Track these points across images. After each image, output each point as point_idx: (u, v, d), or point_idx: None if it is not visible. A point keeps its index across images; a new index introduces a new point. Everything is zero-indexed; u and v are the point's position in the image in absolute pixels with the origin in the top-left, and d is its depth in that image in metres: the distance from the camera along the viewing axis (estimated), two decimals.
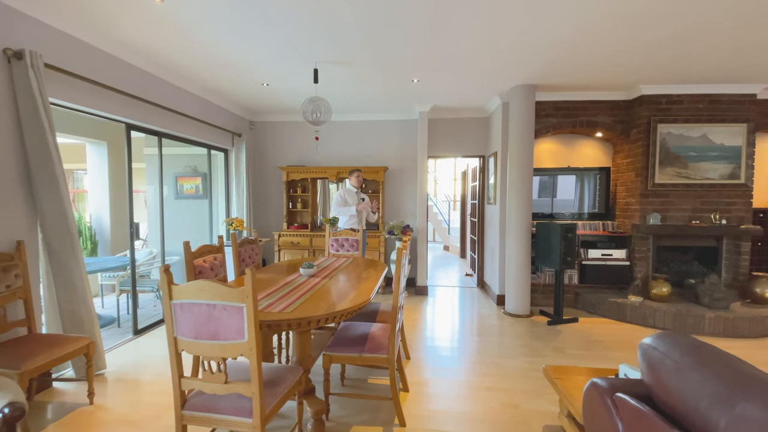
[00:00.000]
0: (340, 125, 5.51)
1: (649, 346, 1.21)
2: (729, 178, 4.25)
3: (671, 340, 1.17)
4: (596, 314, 4.35)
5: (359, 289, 2.27)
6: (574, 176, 4.89)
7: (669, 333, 1.22)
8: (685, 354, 1.09)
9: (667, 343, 1.16)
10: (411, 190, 5.46)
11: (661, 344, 1.18)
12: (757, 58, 3.40)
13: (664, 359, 1.13)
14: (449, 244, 9.84)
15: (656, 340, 1.20)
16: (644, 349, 1.22)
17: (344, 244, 3.78)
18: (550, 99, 4.50)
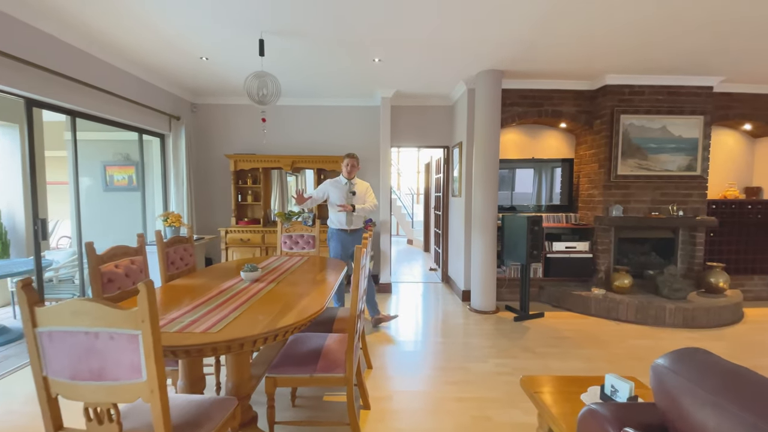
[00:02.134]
0: (296, 110, 5.04)
1: (668, 371, 0.96)
2: (686, 170, 4.31)
3: (695, 363, 0.94)
4: (561, 308, 4.28)
5: (311, 296, 1.91)
6: (533, 168, 4.77)
7: (690, 354, 0.99)
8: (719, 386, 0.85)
9: (691, 368, 0.92)
10: (373, 182, 5.12)
11: (683, 368, 0.94)
12: (714, 50, 3.38)
13: (689, 387, 0.89)
14: (413, 238, 9.65)
15: (677, 362, 0.96)
16: (661, 372, 0.98)
17: (298, 241, 3.38)
18: (516, 87, 4.33)
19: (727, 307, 3.80)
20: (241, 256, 4.60)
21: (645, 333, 3.52)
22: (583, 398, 1.63)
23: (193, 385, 1.78)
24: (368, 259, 2.46)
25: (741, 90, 4.42)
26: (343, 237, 3.56)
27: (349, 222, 3.57)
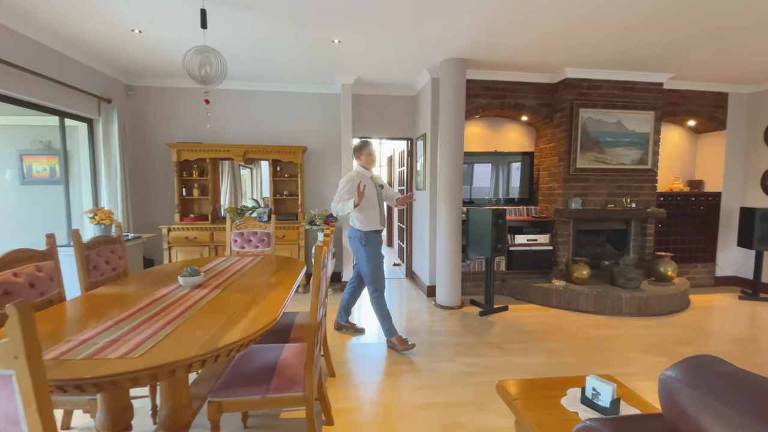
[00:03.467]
0: (249, 96, 4.64)
1: (681, 385, 0.83)
2: (638, 164, 4.46)
3: (713, 376, 0.81)
4: (523, 300, 4.30)
5: (264, 304, 1.65)
6: (492, 162, 4.75)
7: (703, 365, 0.87)
8: (745, 403, 0.73)
9: (709, 382, 0.80)
10: (335, 174, 4.86)
11: (700, 382, 0.81)
12: (665, 47, 3.48)
13: (709, 404, 0.76)
14: None
15: (690, 375, 0.84)
16: (673, 387, 0.85)
17: (251, 239, 3.06)
18: (479, 78, 4.24)
19: (676, 295, 3.98)
20: (186, 256, 4.17)
21: (604, 323, 3.59)
22: (564, 403, 1.52)
23: (116, 418, 1.47)
24: (330, 258, 2.23)
25: (688, 87, 4.65)
26: (377, 240, 3.02)
27: (383, 220, 3.07)
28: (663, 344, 3.10)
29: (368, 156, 3.02)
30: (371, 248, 2.98)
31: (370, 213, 2.96)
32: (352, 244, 3.06)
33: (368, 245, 2.97)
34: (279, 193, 4.65)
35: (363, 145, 3.03)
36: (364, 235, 2.97)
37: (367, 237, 2.97)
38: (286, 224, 4.32)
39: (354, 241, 3.03)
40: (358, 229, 2.99)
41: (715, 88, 4.70)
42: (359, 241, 2.98)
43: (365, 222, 2.97)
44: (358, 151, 3.04)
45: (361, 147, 3.03)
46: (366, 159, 3.02)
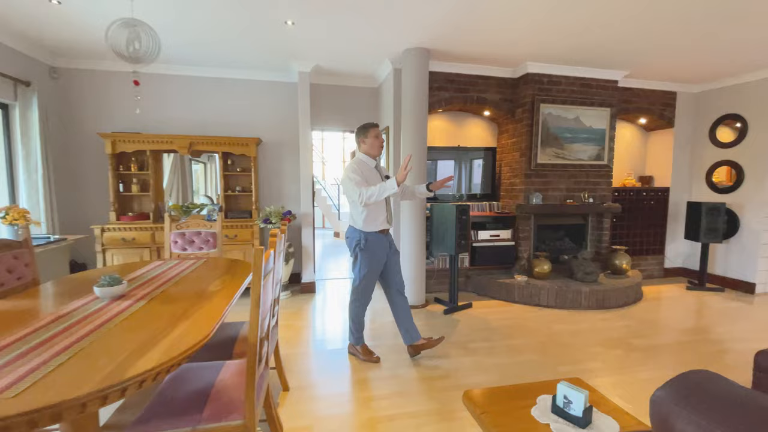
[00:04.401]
0: (196, 82, 4.24)
1: (676, 408, 0.71)
2: (595, 159, 4.55)
3: (709, 396, 0.70)
4: (487, 296, 4.27)
5: (196, 317, 1.41)
6: (455, 157, 4.69)
7: (697, 383, 0.75)
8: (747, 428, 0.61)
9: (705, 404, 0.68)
10: (293, 169, 4.58)
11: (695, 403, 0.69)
12: (618, 44, 3.52)
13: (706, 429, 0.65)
14: (339, 231, 9.24)
15: (684, 396, 0.72)
16: (666, 411, 0.73)
17: (194, 240, 2.75)
18: (442, 70, 4.13)
19: (630, 287, 4.10)
20: (124, 260, 3.74)
21: (565, 317, 3.61)
22: (534, 413, 1.41)
23: None
24: (281, 260, 2.00)
25: (640, 86, 4.80)
26: (379, 244, 2.56)
27: (390, 217, 2.63)
28: (621, 337, 3.14)
29: (375, 140, 2.53)
30: (369, 254, 2.51)
31: (374, 209, 2.49)
32: (349, 243, 2.60)
33: (366, 250, 2.51)
34: (231, 189, 4.31)
35: (368, 127, 2.55)
36: (364, 237, 2.49)
37: (367, 239, 2.50)
38: (238, 223, 4.00)
39: (350, 242, 2.56)
40: (357, 229, 2.50)
41: (665, 87, 4.89)
42: (357, 244, 2.51)
43: (367, 220, 2.49)
44: (362, 134, 2.55)
45: (366, 129, 2.55)
46: (371, 143, 2.53)
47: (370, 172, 2.55)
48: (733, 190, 4.63)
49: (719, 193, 4.78)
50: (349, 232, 2.61)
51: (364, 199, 2.37)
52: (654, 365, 2.65)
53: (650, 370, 2.57)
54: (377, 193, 2.35)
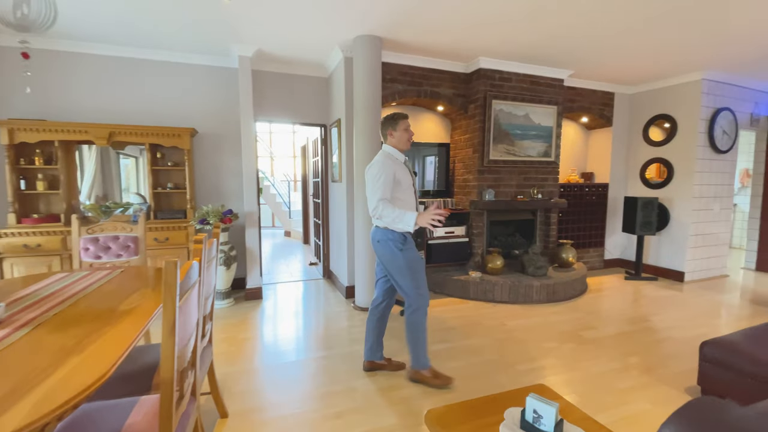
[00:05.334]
0: (117, 63, 3.70)
1: None
2: (543, 156, 4.66)
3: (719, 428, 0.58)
4: (443, 293, 4.20)
5: (90, 351, 1.10)
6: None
7: (706, 414, 0.63)
8: None
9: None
10: (234, 164, 4.18)
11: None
12: (565, 41, 3.60)
13: None
14: (291, 229, 8.82)
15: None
16: None
17: (110, 246, 2.34)
18: (396, 62, 3.97)
19: (577, 280, 4.24)
20: (27, 270, 3.16)
21: (518, 313, 3.63)
22: (503, 431, 1.29)
23: None
24: (213, 269, 1.71)
25: (583, 86, 4.99)
26: (413, 242, 2.34)
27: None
28: (571, 330, 3.20)
29: (404, 133, 2.27)
30: (410, 253, 2.24)
31: (405, 207, 2.25)
32: (382, 249, 2.25)
33: (406, 250, 2.23)
34: (161, 186, 3.83)
35: (397, 118, 2.27)
36: (401, 238, 2.22)
37: (405, 239, 2.25)
38: (170, 224, 3.55)
39: (385, 245, 2.23)
40: (391, 230, 2.23)
41: (604, 88, 5.13)
42: (394, 245, 2.21)
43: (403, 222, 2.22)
44: (390, 125, 2.27)
45: (395, 121, 2.26)
46: (400, 137, 2.27)
47: (401, 169, 2.25)
48: (664, 186, 4.98)
49: (652, 188, 5.13)
50: (380, 234, 2.25)
51: (379, 214, 2.13)
52: (605, 358, 2.70)
53: (602, 364, 2.61)
54: (393, 217, 2.10)
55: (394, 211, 2.09)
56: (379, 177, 2.14)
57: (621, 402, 2.13)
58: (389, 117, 2.31)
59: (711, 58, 4.02)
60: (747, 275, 5.09)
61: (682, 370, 2.49)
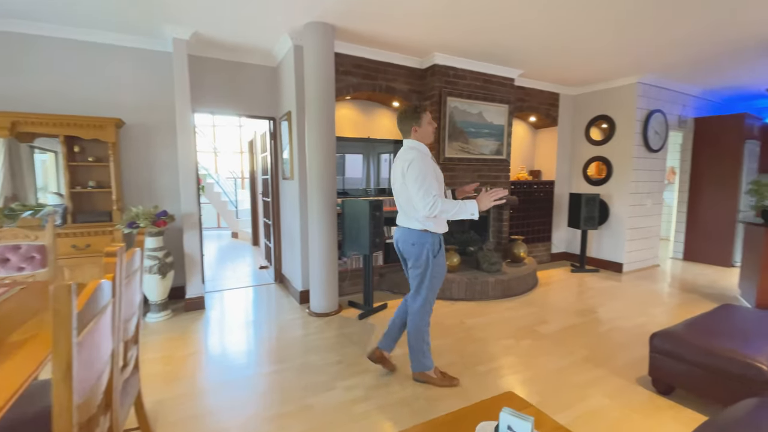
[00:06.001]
0: (23, 41, 3.14)
1: None
2: (496, 154, 4.73)
3: None
4: (402, 293, 4.12)
5: None
6: (364, 151, 4.45)
7: None
8: None
9: None
10: (170, 159, 3.76)
11: None
12: (515, 40, 3.65)
13: None
14: (238, 230, 8.28)
15: None
16: None
17: (8, 258, 1.93)
18: (350, 53, 3.78)
19: (529, 274, 4.36)
20: None
21: (476, 310, 3.63)
22: None
23: None
24: (135, 285, 1.43)
25: (531, 86, 5.14)
26: (444, 252, 2.26)
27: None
28: (528, 326, 3.24)
29: (429, 126, 2.18)
30: (440, 260, 2.19)
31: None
32: (416, 251, 2.15)
33: (439, 257, 2.18)
34: (80, 185, 3.32)
35: (420, 111, 2.17)
36: (437, 244, 2.17)
37: (440, 246, 2.19)
38: (92, 228, 3.09)
39: (420, 248, 2.14)
40: (431, 233, 2.14)
41: (551, 88, 5.33)
42: (430, 250, 2.14)
43: (439, 221, 2.15)
44: (414, 119, 2.16)
45: (418, 114, 2.16)
46: (425, 131, 2.18)
47: (436, 167, 2.15)
48: (604, 183, 5.29)
49: (593, 185, 5.42)
50: (417, 237, 2.14)
51: (439, 211, 1.98)
52: (560, 353, 2.74)
53: (558, 359, 2.65)
54: (454, 211, 2.00)
55: (455, 204, 2.00)
56: (425, 175, 2.02)
57: (580, 398, 2.16)
58: (410, 111, 2.19)
59: (646, 63, 4.29)
60: (675, 264, 5.57)
61: (631, 360, 2.60)
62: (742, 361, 1.79)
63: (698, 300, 3.92)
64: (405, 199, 2.14)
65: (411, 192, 2.05)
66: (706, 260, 5.55)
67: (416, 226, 2.14)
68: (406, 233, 2.18)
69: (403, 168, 2.11)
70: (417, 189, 2.01)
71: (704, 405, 2.04)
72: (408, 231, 2.17)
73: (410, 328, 2.26)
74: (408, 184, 2.07)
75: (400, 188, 2.17)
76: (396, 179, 2.19)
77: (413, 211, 2.12)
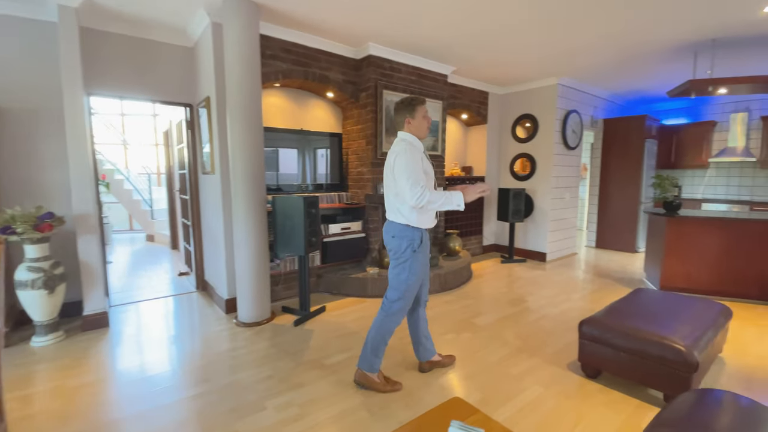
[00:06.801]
0: None
1: None
2: (431, 150, 4.75)
3: None
4: (340, 294, 3.94)
5: None
6: (299, 146, 4.19)
7: None
8: None
9: None
10: (59, 150, 3.13)
11: None
12: (450, 35, 3.67)
13: None
14: (155, 233, 7.40)
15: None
16: None
17: None
18: (278, 36, 3.48)
19: (464, 267, 4.46)
20: None
21: None
22: None
23: None
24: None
25: (463, 83, 5.25)
26: (428, 244, 2.20)
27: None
28: (465, 319, 3.28)
29: (423, 120, 2.12)
30: (423, 256, 2.14)
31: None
32: (396, 244, 2.10)
33: (420, 252, 2.11)
34: None
35: (415, 103, 2.10)
36: (418, 239, 2.09)
37: (423, 238, 2.12)
38: None
39: (400, 241, 2.08)
40: (413, 227, 2.08)
41: (481, 87, 5.51)
42: (409, 244, 2.07)
43: (424, 215, 2.09)
44: (408, 111, 2.09)
45: (413, 106, 2.09)
46: (419, 124, 2.11)
47: (425, 159, 2.11)
48: (528, 178, 5.62)
49: (519, 180, 5.74)
50: (399, 230, 2.09)
51: (426, 201, 1.96)
52: (497, 344, 2.80)
53: (496, 351, 2.69)
54: (441, 201, 1.99)
55: (442, 195, 2.01)
56: (413, 166, 1.98)
57: (518, 390, 2.19)
58: (405, 102, 2.13)
59: (563, 66, 4.61)
60: (589, 252, 6.14)
61: (561, 347, 2.73)
62: (661, 343, 1.93)
63: (612, 284, 4.33)
64: (394, 192, 2.10)
65: (399, 183, 2.02)
66: (615, 247, 6.21)
67: (399, 219, 2.11)
68: (389, 225, 2.17)
69: (390, 160, 2.09)
70: (405, 179, 1.98)
71: (629, 386, 2.19)
72: (391, 223, 2.16)
73: (377, 325, 2.18)
74: (396, 175, 2.03)
75: (388, 180, 2.13)
76: (386, 173, 2.15)
77: (399, 203, 2.09)
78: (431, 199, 1.98)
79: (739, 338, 2.86)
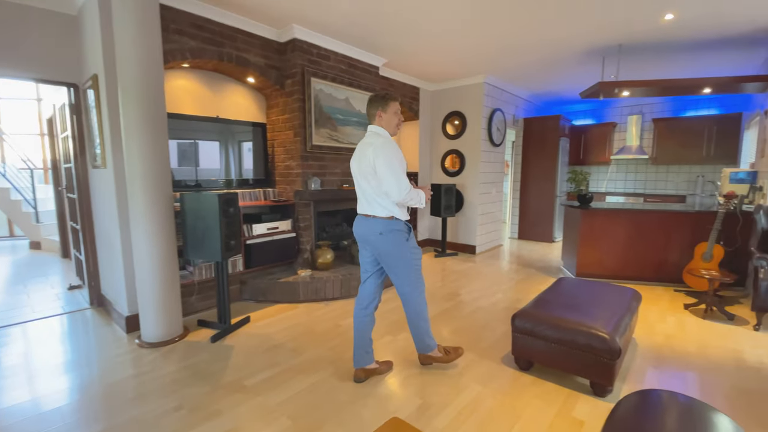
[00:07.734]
0: None
1: None
2: None
3: None
4: (269, 301, 3.61)
5: None
6: (221, 138, 3.76)
7: None
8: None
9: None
10: None
11: None
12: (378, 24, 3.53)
13: None
14: (41, 239, 6.21)
15: None
16: None
17: None
18: (186, 9, 3.03)
19: None
20: None
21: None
22: None
23: None
24: None
25: (395, 77, 5.16)
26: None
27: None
28: (402, 319, 3.17)
29: (393, 116, 2.14)
30: (414, 243, 2.22)
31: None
32: (388, 241, 2.10)
33: (411, 240, 2.19)
34: None
35: (388, 99, 2.12)
36: (406, 227, 2.16)
37: (409, 228, 2.19)
38: None
39: (392, 236, 2.10)
40: (398, 219, 2.13)
41: (413, 82, 5.47)
42: (401, 235, 2.12)
43: (402, 208, 2.16)
44: (381, 105, 2.11)
45: (386, 101, 2.11)
46: (389, 120, 2.13)
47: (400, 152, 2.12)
48: (458, 174, 5.74)
49: (450, 176, 5.84)
50: (386, 225, 2.09)
51: (403, 198, 2.02)
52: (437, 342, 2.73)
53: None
54: (416, 199, 2.09)
55: (416, 192, 2.08)
56: (399, 161, 2.02)
57: (457, 390, 2.12)
58: (380, 96, 2.15)
59: (488, 65, 4.74)
60: (513, 243, 6.50)
61: (495, 341, 2.75)
62: (587, 332, 1.99)
63: (535, 273, 4.58)
64: (373, 186, 2.06)
65: (384, 178, 2.01)
66: (535, 238, 6.65)
67: (382, 213, 2.10)
68: (371, 223, 2.12)
69: (366, 153, 2.04)
70: (391, 174, 2.00)
71: (559, 377, 2.24)
72: (373, 221, 2.12)
73: (411, 314, 2.27)
74: (379, 170, 2.01)
75: (366, 173, 2.06)
76: (360, 168, 2.10)
77: (381, 197, 2.07)
78: (411, 195, 2.05)
79: (645, 319, 3.15)
